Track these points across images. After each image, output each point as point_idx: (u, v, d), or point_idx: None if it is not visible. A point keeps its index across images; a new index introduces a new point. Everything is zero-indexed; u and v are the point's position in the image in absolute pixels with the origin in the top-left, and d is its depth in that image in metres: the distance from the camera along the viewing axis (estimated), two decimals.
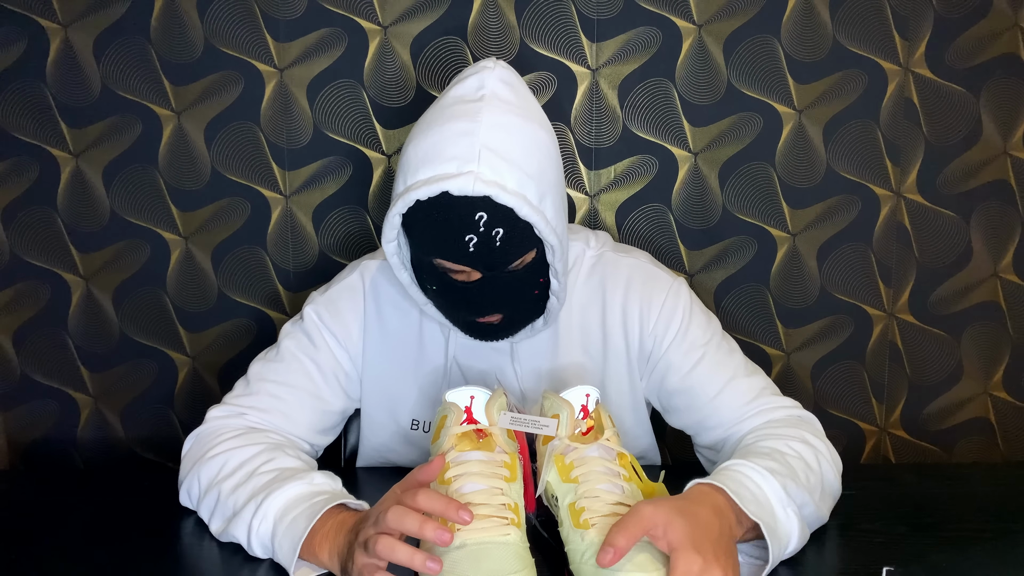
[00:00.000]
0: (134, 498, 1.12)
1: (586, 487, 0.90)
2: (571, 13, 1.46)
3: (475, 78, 1.05)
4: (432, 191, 0.97)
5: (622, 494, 0.90)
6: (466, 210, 0.97)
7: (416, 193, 0.98)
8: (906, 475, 1.22)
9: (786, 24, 1.47)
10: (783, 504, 0.93)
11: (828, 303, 1.56)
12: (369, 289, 1.18)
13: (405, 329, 1.18)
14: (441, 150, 0.99)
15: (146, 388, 1.56)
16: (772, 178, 1.52)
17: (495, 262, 1.01)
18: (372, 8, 1.46)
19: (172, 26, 1.45)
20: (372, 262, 1.21)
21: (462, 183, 0.96)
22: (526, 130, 1.02)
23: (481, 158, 0.97)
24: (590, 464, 0.91)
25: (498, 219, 0.98)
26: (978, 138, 1.51)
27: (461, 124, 1.00)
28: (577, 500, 0.89)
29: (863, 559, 0.94)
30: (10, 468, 1.56)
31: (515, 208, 0.97)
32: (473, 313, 1.07)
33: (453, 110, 1.02)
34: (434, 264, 1.04)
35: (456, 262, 1.02)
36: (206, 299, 1.53)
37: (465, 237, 0.98)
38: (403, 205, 1.00)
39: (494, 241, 0.99)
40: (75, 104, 1.47)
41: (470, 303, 1.05)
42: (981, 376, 1.59)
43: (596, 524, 0.86)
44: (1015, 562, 0.94)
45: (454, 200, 0.97)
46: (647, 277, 1.19)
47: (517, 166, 0.99)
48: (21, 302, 1.52)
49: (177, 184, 1.50)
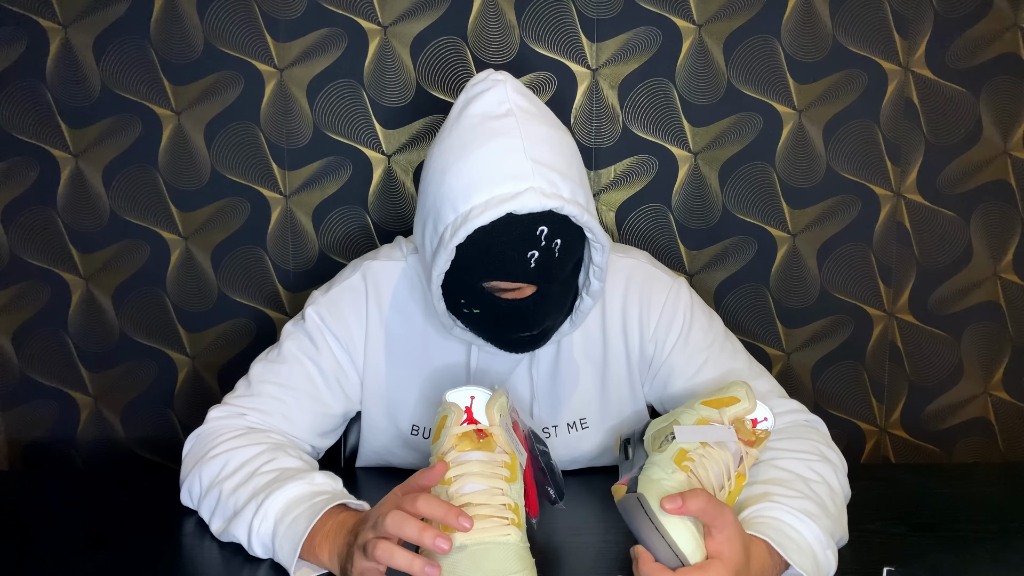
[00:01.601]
0: (134, 498, 1.12)
1: (701, 459, 0.92)
2: (571, 13, 1.46)
3: (493, 93, 1.02)
4: (495, 215, 0.94)
5: (724, 483, 0.92)
6: (529, 227, 0.95)
7: (477, 221, 0.94)
8: (906, 475, 1.22)
9: (786, 24, 1.47)
10: (823, 546, 0.91)
11: (828, 303, 1.56)
12: (371, 292, 1.16)
13: (408, 334, 1.17)
14: (492, 172, 0.96)
15: (146, 388, 1.56)
16: (772, 178, 1.52)
17: (553, 274, 0.99)
18: (372, 8, 1.46)
19: (172, 26, 1.45)
20: (375, 263, 1.19)
21: (526, 200, 0.93)
22: (557, 138, 1.01)
23: (536, 173, 0.95)
24: (721, 449, 0.94)
25: (557, 230, 0.96)
26: (978, 138, 1.51)
27: (502, 141, 0.97)
28: (691, 450, 0.92)
29: (863, 559, 0.94)
30: (10, 468, 1.56)
31: (575, 216, 0.96)
32: (521, 329, 1.03)
33: (484, 128, 0.99)
34: (483, 287, 1.01)
35: (516, 280, 0.99)
36: (206, 299, 1.53)
37: (527, 254, 0.96)
38: (463, 235, 0.95)
39: (554, 253, 0.97)
40: (75, 104, 1.47)
41: (522, 320, 1.02)
42: (981, 376, 1.59)
43: (692, 472, 0.90)
44: (1015, 562, 0.94)
45: (517, 219, 0.95)
46: (646, 278, 1.17)
47: (565, 175, 0.98)
48: (21, 302, 1.52)
49: (177, 184, 1.50)
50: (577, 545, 0.98)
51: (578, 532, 1.00)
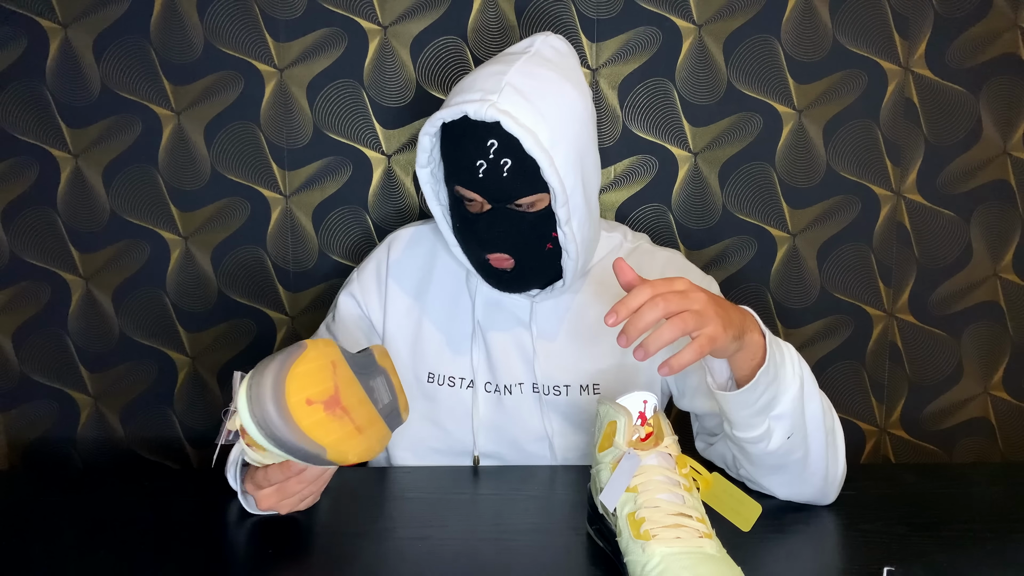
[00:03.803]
0: (134, 498, 1.12)
1: (646, 496, 0.87)
2: (571, 13, 1.46)
3: (528, 39, 1.16)
4: (454, 114, 1.07)
5: (683, 504, 0.87)
6: (480, 135, 1.07)
7: (441, 114, 1.08)
8: (906, 475, 1.22)
9: (786, 24, 1.47)
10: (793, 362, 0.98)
11: (828, 303, 1.56)
12: (393, 254, 1.28)
13: (424, 287, 1.26)
14: (472, 84, 1.09)
15: (146, 388, 1.56)
16: (772, 178, 1.52)
17: (501, 193, 1.09)
18: (372, 8, 1.46)
19: (172, 26, 1.45)
20: (402, 231, 1.32)
21: (478, 108, 1.05)
22: (555, 82, 1.10)
23: (503, 92, 1.06)
24: (650, 473, 0.88)
25: (507, 150, 1.06)
26: (978, 138, 1.51)
27: (497, 67, 1.11)
28: (637, 510, 0.86)
29: (863, 559, 0.94)
30: (10, 468, 1.56)
31: (521, 140, 1.05)
32: (483, 247, 1.14)
33: (498, 58, 1.15)
34: (456, 194, 1.13)
35: (468, 187, 1.10)
36: (206, 299, 1.54)
37: (477, 162, 1.08)
38: (429, 126, 1.10)
39: (501, 170, 1.07)
40: (75, 104, 1.47)
41: (479, 236, 1.13)
42: (981, 376, 1.59)
43: (657, 535, 0.83)
44: (1015, 562, 0.94)
45: (470, 123, 1.07)
46: (682, 267, 1.27)
47: (535, 106, 1.06)
48: (21, 302, 1.52)
49: (177, 184, 1.50)
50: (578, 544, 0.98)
51: (579, 532, 1.00)
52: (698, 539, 0.83)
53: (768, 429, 0.98)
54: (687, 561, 0.81)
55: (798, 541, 1.00)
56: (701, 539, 0.84)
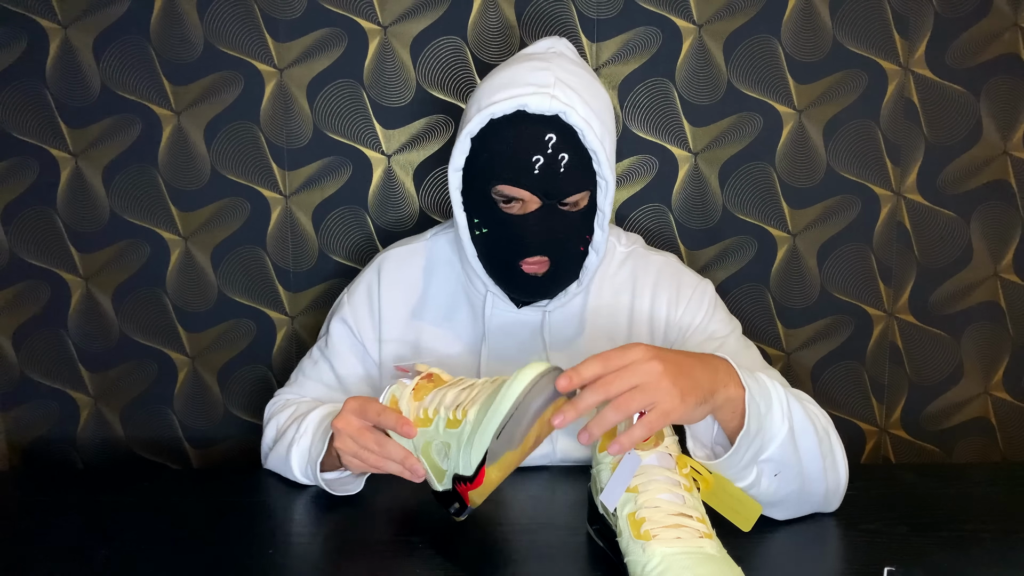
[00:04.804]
0: (134, 498, 1.12)
1: (647, 496, 0.87)
2: (571, 13, 1.46)
3: (545, 42, 1.15)
4: (508, 108, 1.04)
5: (683, 504, 0.87)
6: (538, 129, 1.04)
7: (492, 110, 1.05)
8: (906, 475, 1.21)
9: (786, 24, 1.47)
10: (782, 404, 0.92)
11: (828, 303, 1.56)
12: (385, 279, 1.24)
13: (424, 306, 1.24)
14: (519, 79, 1.07)
15: (146, 388, 1.56)
16: (772, 178, 1.52)
17: (555, 189, 1.06)
18: (372, 8, 1.46)
19: (172, 26, 1.45)
20: (392, 251, 1.28)
21: (539, 100, 1.03)
22: (590, 80, 1.11)
23: (556, 85, 1.05)
24: (650, 473, 0.89)
25: (565, 144, 1.05)
26: (978, 138, 1.51)
27: (537, 63, 1.09)
28: (638, 510, 0.86)
29: (863, 559, 0.94)
30: (10, 468, 1.56)
31: (582, 132, 1.04)
32: (520, 251, 1.09)
33: (528, 59, 1.11)
34: (491, 196, 1.08)
35: (518, 185, 1.06)
36: (206, 299, 1.53)
37: (533, 157, 1.04)
38: (477, 124, 1.06)
39: (559, 165, 1.05)
40: (75, 104, 1.47)
41: (521, 239, 1.08)
42: (981, 376, 1.59)
43: (657, 535, 0.83)
44: (1015, 562, 0.94)
45: (528, 118, 1.04)
46: (676, 273, 1.25)
47: (585, 100, 1.06)
48: (21, 302, 1.52)
49: (177, 184, 1.50)
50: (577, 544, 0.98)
51: (578, 532, 1.00)
52: (698, 539, 0.84)
53: (757, 475, 0.94)
54: (687, 561, 0.81)
55: (798, 541, 1.00)
56: (701, 539, 0.84)
